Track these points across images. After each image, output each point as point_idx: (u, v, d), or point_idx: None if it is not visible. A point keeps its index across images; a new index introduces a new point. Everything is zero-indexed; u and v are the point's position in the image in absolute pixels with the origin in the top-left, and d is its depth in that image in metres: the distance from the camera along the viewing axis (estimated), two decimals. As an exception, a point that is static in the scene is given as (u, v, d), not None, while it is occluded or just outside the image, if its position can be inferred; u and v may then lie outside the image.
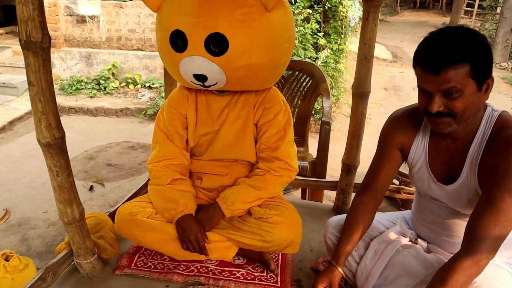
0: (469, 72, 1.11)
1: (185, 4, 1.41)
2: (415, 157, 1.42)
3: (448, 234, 1.41)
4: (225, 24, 1.38)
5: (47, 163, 1.39)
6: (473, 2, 10.77)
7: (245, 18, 1.39)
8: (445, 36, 1.15)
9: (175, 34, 1.43)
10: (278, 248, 1.62)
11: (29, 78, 1.27)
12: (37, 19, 1.21)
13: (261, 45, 1.44)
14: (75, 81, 5.71)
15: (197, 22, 1.38)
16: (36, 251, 2.53)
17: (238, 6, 1.38)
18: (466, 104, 1.15)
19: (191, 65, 1.46)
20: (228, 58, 1.42)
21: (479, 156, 1.24)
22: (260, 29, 1.41)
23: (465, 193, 1.30)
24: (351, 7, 4.71)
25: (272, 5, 1.39)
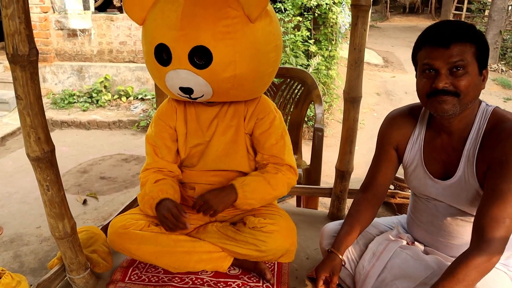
0: (474, 52, 1.17)
1: (168, 18, 1.40)
2: (411, 156, 1.42)
3: (445, 235, 1.40)
4: (208, 37, 1.37)
5: (37, 178, 1.37)
6: (461, 6, 10.89)
7: (228, 29, 1.38)
8: (451, 21, 1.23)
9: (159, 47, 1.42)
10: (273, 257, 1.60)
11: (17, 92, 1.25)
12: (24, 33, 1.19)
13: (246, 56, 1.43)
14: (67, 95, 5.69)
15: (180, 35, 1.37)
16: (29, 267, 2.49)
17: (221, 17, 1.37)
18: (470, 83, 1.18)
19: (177, 79, 1.46)
20: (213, 71, 1.41)
21: (476, 151, 1.25)
22: (244, 40, 1.41)
23: (463, 189, 1.30)
24: (340, 13, 4.74)
25: (256, 15, 1.39)
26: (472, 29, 1.19)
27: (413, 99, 4.90)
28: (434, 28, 1.22)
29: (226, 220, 1.77)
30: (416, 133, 1.41)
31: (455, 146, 1.31)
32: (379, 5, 17.32)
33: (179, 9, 1.39)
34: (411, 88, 6.54)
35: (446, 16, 12.98)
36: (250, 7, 1.39)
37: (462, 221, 1.36)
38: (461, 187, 1.30)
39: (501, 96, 6.93)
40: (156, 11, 1.45)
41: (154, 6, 1.48)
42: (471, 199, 1.29)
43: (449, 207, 1.37)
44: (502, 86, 7.45)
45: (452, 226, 1.38)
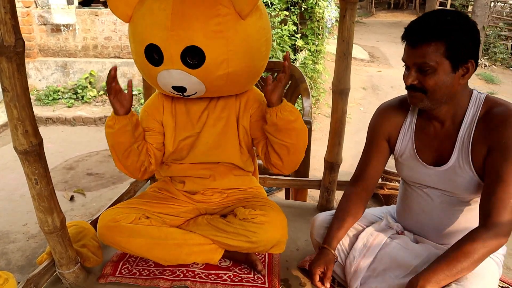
0: (443, 51, 1.17)
1: (158, 17, 1.38)
2: (403, 145, 1.44)
3: (437, 223, 1.43)
4: (200, 36, 1.36)
5: (25, 171, 1.35)
6: (445, 2, 11.02)
7: (219, 28, 1.37)
8: (431, 15, 1.22)
9: (150, 47, 1.41)
10: (264, 249, 1.61)
11: (3, 84, 1.24)
12: (10, 23, 1.18)
13: (238, 53, 1.43)
14: (52, 91, 5.60)
15: (171, 35, 1.36)
16: (16, 265, 2.46)
17: (212, 16, 1.36)
18: (438, 82, 1.20)
19: (169, 78, 1.45)
20: (206, 70, 1.41)
21: (471, 135, 1.27)
22: (236, 38, 1.40)
23: (458, 175, 1.32)
24: (327, 8, 4.76)
25: (247, 12, 1.38)
26: (445, 26, 1.17)
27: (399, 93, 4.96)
28: (411, 25, 1.24)
29: (216, 212, 1.77)
30: (408, 122, 1.43)
31: (448, 132, 1.33)
32: (364, 1, 17.42)
33: (168, 7, 1.37)
34: (397, 82, 6.64)
35: (430, 11, 13.12)
36: (241, 4, 1.38)
37: (454, 208, 1.38)
38: (455, 173, 1.32)
39: (485, 90, 7.02)
40: (144, 9, 1.43)
41: (141, 3, 1.45)
42: (466, 184, 1.31)
43: (442, 194, 1.39)
44: (485, 81, 7.59)
45: (444, 213, 1.40)
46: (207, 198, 1.75)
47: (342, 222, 1.49)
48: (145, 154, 1.65)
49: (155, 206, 1.70)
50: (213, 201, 1.76)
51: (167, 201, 1.74)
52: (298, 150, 1.59)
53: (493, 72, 8.23)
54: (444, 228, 1.42)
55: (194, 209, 1.76)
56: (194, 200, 1.75)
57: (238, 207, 1.68)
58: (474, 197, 1.35)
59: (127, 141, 1.57)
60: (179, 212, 1.73)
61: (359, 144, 4.37)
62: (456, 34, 1.17)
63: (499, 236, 1.17)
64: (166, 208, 1.72)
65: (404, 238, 1.47)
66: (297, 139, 1.56)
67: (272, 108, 1.48)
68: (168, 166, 1.77)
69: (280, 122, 1.49)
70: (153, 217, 1.66)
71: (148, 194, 1.79)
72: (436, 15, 1.21)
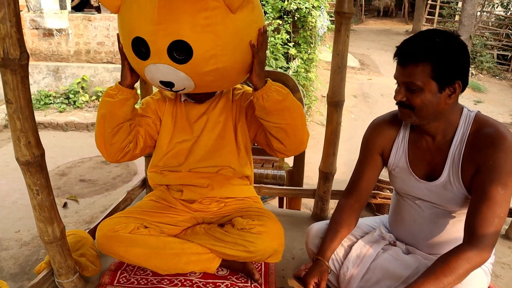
0: (430, 72, 1.22)
1: (144, 9, 1.31)
2: (396, 158, 1.49)
3: (428, 234, 1.47)
4: (187, 30, 1.29)
5: (27, 182, 1.36)
6: (433, 11, 11.20)
7: (208, 22, 1.30)
8: (422, 35, 1.26)
9: (137, 41, 1.35)
10: (261, 258, 1.63)
11: (7, 96, 1.25)
12: (15, 36, 1.20)
13: (228, 48, 1.36)
14: (43, 95, 5.58)
15: (158, 29, 1.29)
16: (9, 272, 2.44)
17: (200, 9, 1.29)
18: (424, 101, 1.26)
19: (156, 73, 1.40)
20: (194, 65, 1.35)
21: (461, 154, 1.32)
22: (225, 32, 1.33)
23: (448, 190, 1.36)
24: (319, 17, 4.82)
25: (237, 5, 1.30)
26: (432, 48, 1.21)
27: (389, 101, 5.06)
28: (402, 44, 1.29)
29: (213, 221, 1.79)
30: (401, 136, 1.48)
31: (440, 147, 1.38)
32: (353, 8, 17.60)
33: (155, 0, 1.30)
34: (387, 90, 6.74)
35: (419, 20, 13.31)
36: None
37: (444, 219, 1.43)
38: (446, 188, 1.37)
39: (472, 99, 7.17)
40: (131, 0, 1.35)
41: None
42: (456, 199, 1.36)
43: (433, 206, 1.44)
44: (472, 89, 7.72)
45: (434, 224, 1.45)
46: (204, 207, 1.78)
47: (335, 233, 1.52)
48: (133, 135, 1.62)
49: (153, 216, 1.72)
50: (211, 210, 1.78)
51: (165, 210, 1.76)
52: (297, 128, 1.54)
53: (480, 81, 8.39)
54: (434, 238, 1.46)
55: (192, 218, 1.78)
56: (191, 209, 1.77)
57: (236, 217, 1.70)
58: (463, 210, 1.39)
59: (123, 115, 1.53)
60: (176, 221, 1.75)
61: (351, 151, 4.43)
62: (443, 56, 1.21)
63: (483, 253, 1.22)
64: (164, 217, 1.73)
65: (396, 249, 1.51)
66: (291, 118, 1.51)
67: (257, 91, 1.46)
68: (164, 175, 1.78)
69: (268, 104, 1.46)
70: (151, 226, 1.67)
71: (145, 203, 1.81)
72: (426, 36, 1.25)
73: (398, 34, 14.31)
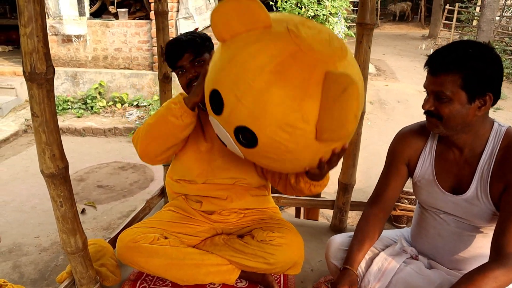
0: (460, 83, 1.20)
1: (245, 73, 1.15)
2: (422, 170, 1.46)
3: (452, 248, 1.44)
4: (265, 129, 1.17)
5: (50, 194, 1.38)
6: (451, 16, 11.08)
7: (288, 135, 1.17)
8: (455, 45, 1.25)
9: (216, 93, 1.22)
10: (281, 270, 1.63)
11: (32, 109, 1.27)
12: (42, 51, 1.21)
13: (295, 156, 1.25)
14: (61, 101, 5.66)
15: (241, 104, 1.16)
16: (29, 278, 2.48)
17: (287, 123, 1.15)
18: (452, 111, 1.24)
19: (218, 129, 1.30)
20: (249, 152, 1.27)
21: (490, 170, 1.30)
22: (295, 151, 1.22)
23: (475, 205, 1.34)
24: (336, 24, 4.80)
25: (324, 138, 1.18)
26: (463, 59, 1.20)
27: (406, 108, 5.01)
28: (434, 53, 1.28)
29: (232, 232, 1.79)
30: (428, 148, 1.46)
31: (468, 160, 1.36)
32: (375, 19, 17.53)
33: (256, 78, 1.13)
34: (403, 97, 6.67)
35: (436, 25, 13.18)
36: (327, 129, 1.17)
37: (469, 234, 1.40)
38: (473, 203, 1.34)
39: (491, 105, 7.04)
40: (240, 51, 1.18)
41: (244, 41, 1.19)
42: (482, 214, 1.33)
43: (457, 220, 1.41)
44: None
45: (459, 239, 1.42)
46: (224, 218, 1.77)
47: (362, 243, 1.50)
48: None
49: (173, 226, 1.72)
50: (230, 221, 1.78)
51: (184, 220, 1.76)
52: (321, 188, 1.53)
53: (499, 87, 8.23)
54: (458, 253, 1.44)
55: (211, 229, 1.78)
56: (211, 220, 1.77)
57: (256, 229, 1.70)
58: (490, 225, 1.36)
59: (182, 137, 1.54)
60: (196, 231, 1.75)
61: (368, 159, 4.39)
62: (474, 67, 1.19)
63: (510, 272, 1.18)
64: (183, 227, 1.74)
65: (418, 263, 1.49)
66: (320, 188, 1.51)
67: (309, 179, 1.43)
68: (182, 185, 1.78)
69: (306, 191, 1.50)
70: (171, 237, 1.68)
71: (165, 213, 1.81)
72: (459, 46, 1.24)
73: (414, 39, 14.19)
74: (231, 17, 1.19)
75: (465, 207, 1.37)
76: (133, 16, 6.01)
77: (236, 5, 1.18)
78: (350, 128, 1.20)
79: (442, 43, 11.28)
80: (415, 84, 7.62)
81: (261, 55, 1.14)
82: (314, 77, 1.14)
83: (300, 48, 1.14)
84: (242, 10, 1.18)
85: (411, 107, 6.18)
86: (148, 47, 5.72)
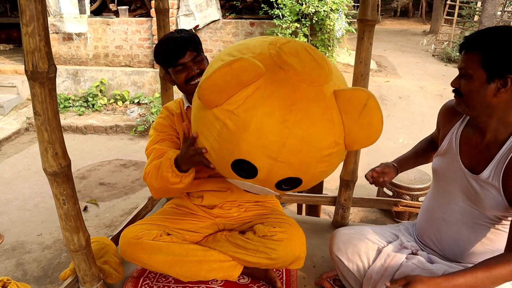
0: (480, 61, 1.24)
1: (267, 138, 1.16)
2: (449, 143, 1.50)
3: (454, 236, 1.45)
4: (308, 176, 1.27)
5: (53, 192, 1.38)
6: (452, 11, 11.02)
7: (327, 161, 1.26)
8: (486, 29, 1.29)
9: (241, 162, 1.23)
10: (283, 265, 1.63)
11: (35, 108, 1.27)
12: (44, 50, 1.21)
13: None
14: (63, 99, 5.67)
15: (279, 165, 1.20)
16: (32, 275, 2.49)
17: (323, 157, 1.24)
18: (472, 88, 1.28)
19: (250, 188, 1.36)
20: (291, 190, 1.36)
21: (507, 159, 1.29)
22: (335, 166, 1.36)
23: (487, 190, 1.34)
24: (337, 20, 4.79)
25: (354, 149, 1.34)
26: (485, 38, 1.25)
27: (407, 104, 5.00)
28: (467, 35, 1.35)
29: (234, 228, 1.80)
30: (458, 125, 1.50)
31: (489, 145, 1.36)
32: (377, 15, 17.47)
33: (284, 134, 1.16)
34: (405, 93, 6.65)
35: (437, 20, 13.12)
36: (357, 144, 1.29)
37: (474, 221, 1.41)
38: (484, 187, 1.35)
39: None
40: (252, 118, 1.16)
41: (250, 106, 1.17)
42: (490, 201, 1.34)
43: (465, 205, 1.42)
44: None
45: (463, 227, 1.43)
46: (225, 212, 1.78)
47: (413, 151, 1.76)
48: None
49: (175, 222, 1.73)
50: (231, 216, 1.79)
51: (187, 216, 1.77)
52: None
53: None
54: (460, 242, 1.44)
55: (213, 224, 1.79)
56: (212, 215, 1.78)
57: (257, 224, 1.71)
58: (496, 217, 1.36)
59: (185, 189, 1.61)
60: (198, 228, 1.76)
61: (369, 155, 4.39)
62: (496, 46, 1.22)
63: None
64: (186, 224, 1.75)
65: (419, 259, 1.50)
66: None
67: None
68: None
69: None
70: (174, 233, 1.69)
71: (167, 210, 1.82)
72: (490, 29, 1.27)
73: (416, 35, 14.14)
74: (226, 83, 1.16)
75: (476, 189, 1.37)
76: (133, 14, 6.01)
77: (229, 71, 1.15)
78: (379, 134, 1.28)
79: (443, 38, 11.24)
80: (417, 80, 7.60)
81: (276, 110, 1.15)
82: (328, 103, 1.20)
83: (303, 81, 1.19)
84: (236, 74, 1.15)
85: (412, 103, 6.17)
86: (149, 44, 5.72)
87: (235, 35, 5.56)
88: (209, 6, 5.47)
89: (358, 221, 3.16)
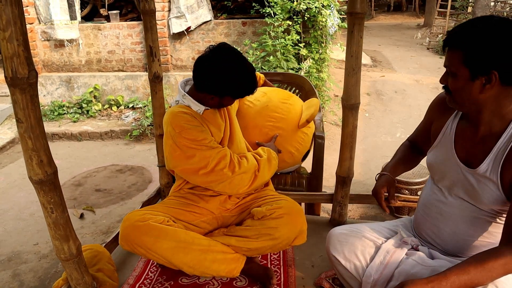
0: (461, 58, 1.21)
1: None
2: (444, 137, 1.47)
3: (452, 230, 1.42)
4: None
5: (41, 201, 1.34)
6: (445, 3, 11.00)
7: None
8: (468, 22, 1.25)
9: None
10: (288, 242, 1.66)
11: (17, 115, 1.24)
12: (23, 55, 1.18)
13: None
14: (57, 106, 5.63)
15: None
16: (29, 286, 2.45)
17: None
18: (457, 86, 1.26)
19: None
20: None
21: (506, 151, 1.26)
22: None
23: (484, 184, 1.31)
24: (329, 16, 4.75)
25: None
26: (465, 35, 1.20)
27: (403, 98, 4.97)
28: (450, 30, 1.31)
29: (232, 222, 1.83)
30: (452, 118, 1.46)
31: (484, 138, 1.33)
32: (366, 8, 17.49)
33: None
34: (401, 87, 6.63)
35: (431, 13, 13.10)
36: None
37: (471, 216, 1.38)
38: (481, 180, 1.32)
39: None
40: None
41: None
42: (487, 196, 1.30)
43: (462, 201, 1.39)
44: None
45: (460, 220, 1.40)
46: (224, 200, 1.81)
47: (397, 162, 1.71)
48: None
49: (178, 213, 1.74)
50: (232, 202, 1.82)
51: (189, 208, 1.78)
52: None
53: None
54: (460, 237, 1.41)
55: (213, 219, 1.80)
56: (213, 204, 1.79)
57: (254, 208, 1.72)
58: (493, 211, 1.33)
59: None
60: (199, 221, 1.77)
61: (367, 151, 4.37)
62: (476, 43, 1.18)
63: None
64: (188, 215, 1.75)
65: (420, 255, 1.47)
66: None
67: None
68: None
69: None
70: (178, 222, 1.69)
71: (170, 200, 1.84)
72: (470, 23, 1.23)
73: (410, 29, 14.13)
74: None
75: (473, 183, 1.34)
76: (125, 18, 5.97)
77: None
78: None
79: (437, 31, 11.22)
80: (412, 74, 7.58)
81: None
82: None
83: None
84: None
85: (408, 97, 6.14)
86: (141, 48, 5.68)
87: (227, 35, 5.53)
88: (200, 7, 5.43)
89: (357, 218, 3.13)
